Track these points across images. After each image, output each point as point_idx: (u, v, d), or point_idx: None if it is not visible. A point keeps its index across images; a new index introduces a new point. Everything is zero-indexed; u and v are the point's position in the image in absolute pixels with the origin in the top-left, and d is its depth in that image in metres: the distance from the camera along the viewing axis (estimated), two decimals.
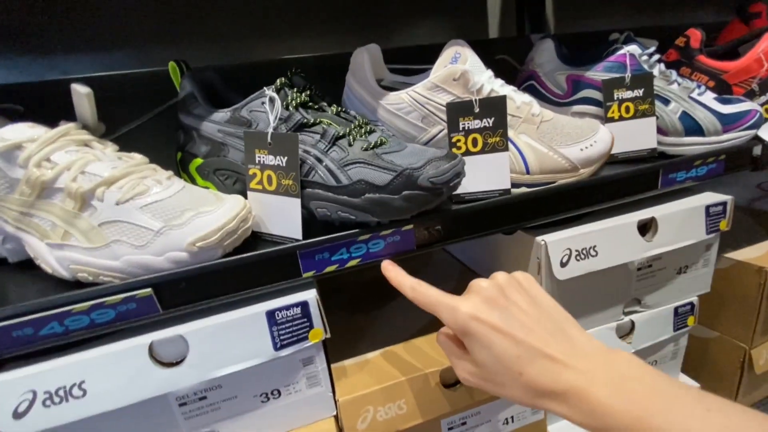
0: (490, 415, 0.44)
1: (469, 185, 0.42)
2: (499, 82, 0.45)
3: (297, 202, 0.36)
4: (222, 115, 0.38)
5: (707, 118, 0.50)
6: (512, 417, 0.46)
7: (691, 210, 0.47)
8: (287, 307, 0.35)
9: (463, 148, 0.42)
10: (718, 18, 0.80)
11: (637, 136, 0.50)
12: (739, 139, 0.50)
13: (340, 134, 0.36)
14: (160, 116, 0.47)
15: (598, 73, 0.51)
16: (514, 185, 0.43)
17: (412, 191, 0.34)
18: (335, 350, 0.46)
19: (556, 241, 0.42)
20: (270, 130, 0.35)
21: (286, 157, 0.35)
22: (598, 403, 0.25)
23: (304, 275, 0.36)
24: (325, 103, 0.41)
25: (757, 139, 0.54)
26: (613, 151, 0.50)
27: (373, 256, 0.37)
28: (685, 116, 0.50)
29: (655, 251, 0.46)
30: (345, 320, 0.52)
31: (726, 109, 0.50)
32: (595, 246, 0.43)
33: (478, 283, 0.32)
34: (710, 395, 0.25)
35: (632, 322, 0.50)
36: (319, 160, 0.36)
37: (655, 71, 0.51)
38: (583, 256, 0.43)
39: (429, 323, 0.48)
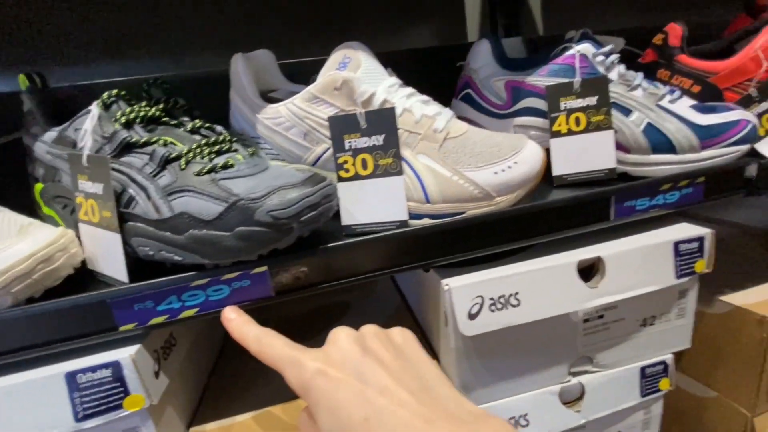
0: None
1: (361, 215, 0.35)
2: (406, 91, 0.37)
3: (117, 237, 0.29)
4: (51, 134, 0.33)
5: (680, 131, 0.40)
6: None
7: (653, 248, 0.37)
8: (93, 369, 0.28)
9: (352, 171, 0.35)
10: (729, 16, 0.69)
11: (590, 153, 0.41)
12: (722, 156, 0.40)
13: (172, 156, 0.30)
14: None
15: (541, 78, 0.42)
16: (416, 216, 0.35)
17: (249, 227, 0.27)
18: (210, 408, 0.39)
19: (464, 287, 0.34)
20: (86, 152, 0.29)
21: (102, 184, 0.29)
22: None
23: (122, 329, 0.29)
24: (187, 118, 0.35)
25: (752, 156, 0.43)
26: (562, 172, 0.41)
27: (215, 305, 0.30)
28: (652, 129, 0.40)
29: (602, 300, 0.36)
30: (236, 368, 0.45)
31: (706, 119, 0.40)
32: (516, 293, 0.35)
33: (337, 333, 0.26)
34: None
35: (582, 386, 0.40)
36: (143, 188, 0.29)
37: (614, 74, 0.41)
38: (500, 306, 0.34)
39: None
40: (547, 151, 0.41)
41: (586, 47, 0.41)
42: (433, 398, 0.23)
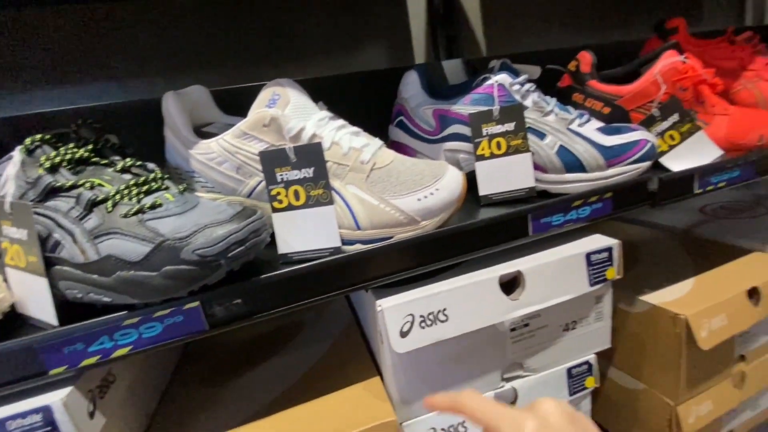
0: None
1: (296, 243, 0.37)
2: (336, 124, 0.39)
3: (44, 282, 0.30)
4: None
5: (588, 152, 0.44)
6: None
7: (568, 259, 0.41)
8: (23, 414, 0.28)
9: (285, 202, 0.37)
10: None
11: (512, 174, 0.45)
12: (626, 173, 0.44)
13: (99, 198, 0.31)
14: None
15: (464, 106, 0.46)
16: (348, 242, 0.37)
17: (176, 266, 0.29)
18: None
19: (395, 306, 0.36)
20: (8, 199, 0.30)
21: (26, 230, 0.29)
22: None
23: (52, 372, 0.29)
24: (118, 157, 0.36)
25: (655, 170, 0.48)
26: (487, 192, 0.45)
27: (149, 342, 0.31)
28: (564, 151, 0.44)
29: (524, 310, 0.39)
30: (187, 395, 0.46)
31: (610, 140, 0.45)
32: (444, 309, 0.37)
33: (545, 407, 0.28)
34: None
35: (515, 390, 0.43)
36: (69, 232, 0.30)
37: (529, 102, 0.46)
38: (429, 322, 0.37)
39: (288, 396, 0.42)
40: (474, 173, 0.45)
41: (503, 77, 0.45)
42: None
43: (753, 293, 0.52)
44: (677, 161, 0.51)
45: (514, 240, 0.41)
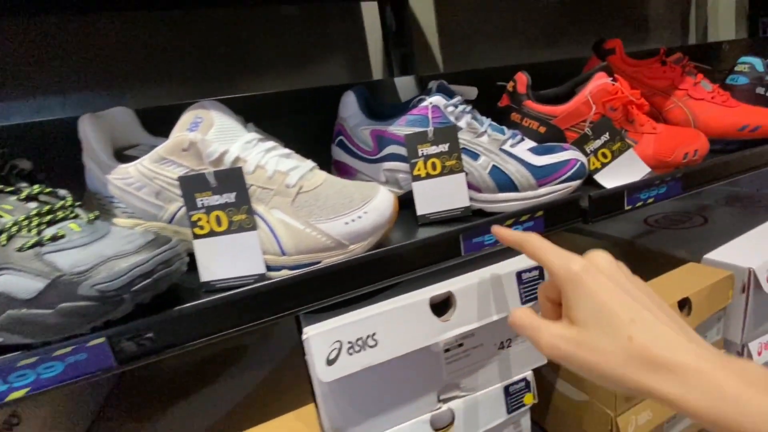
0: None
1: (219, 271, 0.36)
2: (265, 146, 0.38)
3: None
4: None
5: (519, 172, 0.45)
6: None
7: (499, 278, 0.41)
8: None
9: (207, 228, 0.35)
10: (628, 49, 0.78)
11: (447, 194, 0.45)
12: (557, 192, 0.45)
13: None
14: None
15: (401, 127, 0.46)
16: (274, 268, 0.36)
17: (72, 303, 0.27)
18: None
19: (321, 334, 0.35)
20: None
21: None
22: (729, 386, 0.22)
23: None
24: (25, 184, 0.34)
25: (586, 188, 0.50)
26: (425, 212, 0.45)
27: (49, 382, 0.29)
28: (496, 171, 0.45)
29: (456, 331, 0.40)
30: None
31: (541, 160, 0.46)
32: (373, 334, 0.37)
33: (598, 253, 0.30)
34: None
35: (452, 411, 0.43)
36: None
37: (463, 123, 0.46)
38: (358, 348, 0.36)
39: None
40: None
41: (437, 99, 0.46)
42: (686, 331, 0.25)
43: (684, 304, 0.55)
44: (610, 178, 0.52)
45: (447, 260, 0.41)
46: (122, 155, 0.39)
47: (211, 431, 0.42)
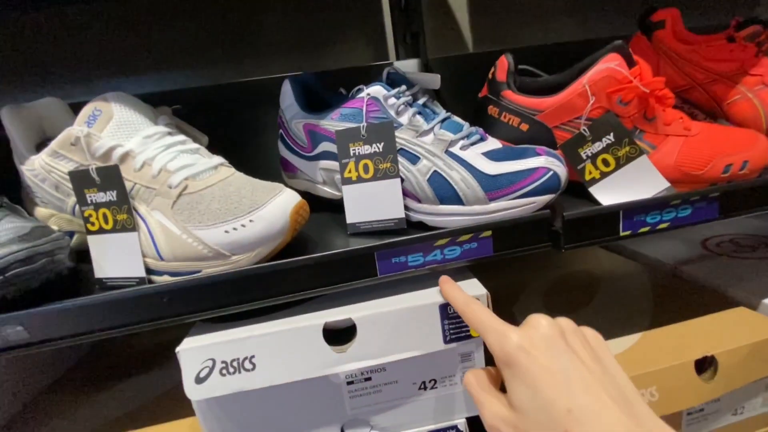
0: None
1: (108, 269, 0.35)
2: (166, 141, 0.36)
3: None
4: None
5: (464, 181, 0.37)
6: None
7: (416, 310, 0.34)
8: None
9: (97, 225, 0.35)
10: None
11: (380, 202, 0.39)
12: (513, 209, 0.36)
13: None
14: None
15: (333, 122, 0.40)
16: (156, 272, 0.34)
17: None
18: None
19: (193, 350, 0.33)
20: None
21: None
22: None
23: None
24: None
25: (576, 204, 0.39)
26: (355, 221, 0.39)
27: None
28: (438, 178, 0.37)
29: (352, 365, 0.34)
30: None
31: (496, 168, 0.37)
32: (252, 357, 0.33)
33: (537, 319, 0.28)
34: None
35: None
36: None
37: (405, 118, 0.39)
38: (232, 370, 0.33)
39: None
40: None
41: (376, 90, 0.39)
42: (634, 412, 0.23)
43: (709, 363, 0.41)
44: (610, 193, 0.41)
45: (358, 281, 0.35)
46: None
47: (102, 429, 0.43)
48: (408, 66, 0.70)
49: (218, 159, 0.37)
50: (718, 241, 0.65)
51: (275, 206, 0.33)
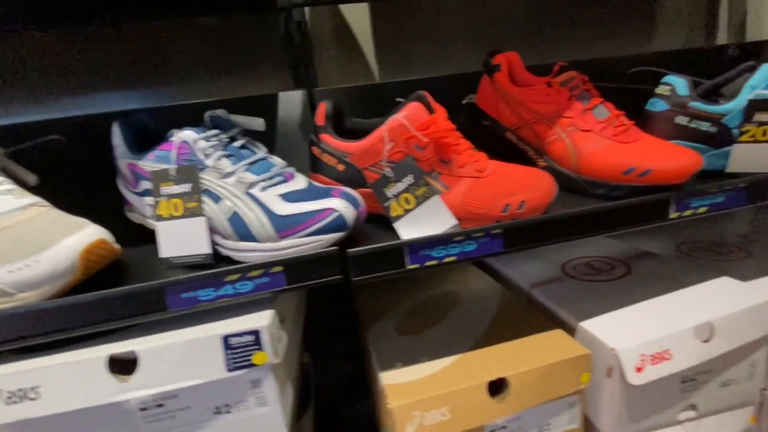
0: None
1: None
2: None
3: None
4: None
5: (258, 220, 0.40)
6: None
7: (198, 341, 0.37)
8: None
9: None
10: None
11: (190, 238, 0.42)
12: (302, 246, 0.40)
13: None
14: None
15: (148, 162, 0.44)
16: None
17: None
18: None
19: None
20: None
21: None
22: None
23: None
24: None
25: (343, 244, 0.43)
26: (168, 255, 0.42)
27: None
28: (236, 217, 0.41)
29: (137, 393, 0.37)
30: None
31: (287, 208, 0.40)
32: (36, 387, 0.35)
33: None
34: None
35: None
36: None
37: (211, 161, 0.42)
38: (17, 399, 0.35)
39: None
40: None
41: (187, 134, 0.42)
42: None
43: (501, 385, 0.45)
44: (410, 228, 0.45)
45: (148, 315, 0.38)
46: None
47: None
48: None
49: (31, 199, 0.40)
50: (576, 263, 0.69)
51: (63, 247, 0.36)
